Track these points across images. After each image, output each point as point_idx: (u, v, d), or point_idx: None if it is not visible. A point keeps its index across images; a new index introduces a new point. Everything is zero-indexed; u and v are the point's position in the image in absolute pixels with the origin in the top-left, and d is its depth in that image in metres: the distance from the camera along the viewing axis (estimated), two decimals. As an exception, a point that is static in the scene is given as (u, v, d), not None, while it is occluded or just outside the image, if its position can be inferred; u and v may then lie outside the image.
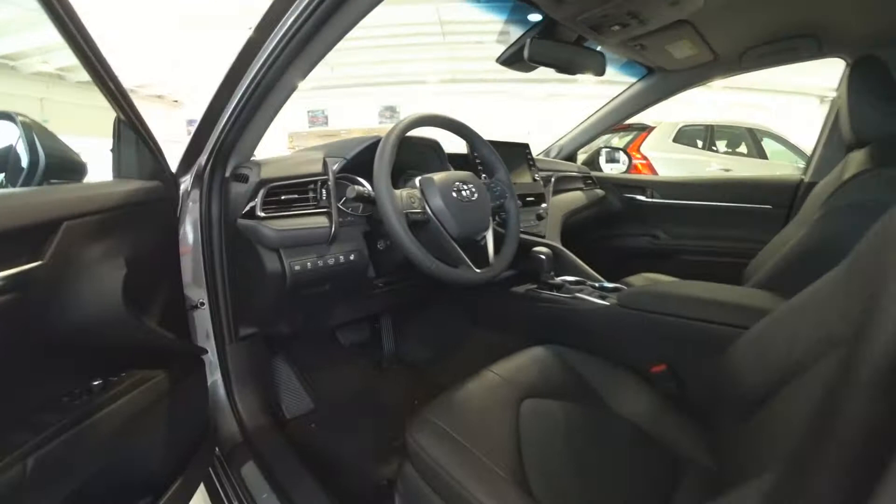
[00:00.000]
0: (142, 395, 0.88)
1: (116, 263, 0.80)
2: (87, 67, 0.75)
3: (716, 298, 1.12)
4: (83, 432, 0.75)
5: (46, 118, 10.13)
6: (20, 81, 10.04)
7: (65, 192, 0.77)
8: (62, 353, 0.76)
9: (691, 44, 1.52)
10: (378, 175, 0.96)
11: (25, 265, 0.64)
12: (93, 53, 0.74)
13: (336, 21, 0.84)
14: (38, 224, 0.67)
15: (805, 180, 1.81)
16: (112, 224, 0.81)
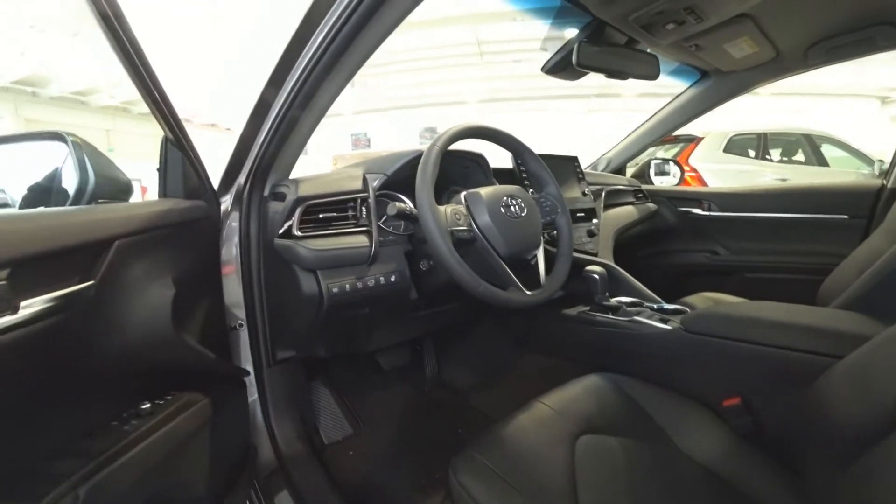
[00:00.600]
0: (187, 420, 0.87)
1: (165, 283, 0.80)
2: (139, 85, 0.77)
3: (797, 322, 0.99)
4: (133, 460, 0.73)
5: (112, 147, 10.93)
6: (90, 114, 10.93)
7: (114, 211, 0.78)
8: (112, 375, 0.76)
9: (751, 41, 1.41)
10: (420, 190, 0.90)
11: (77, 285, 0.64)
12: (147, 74, 0.76)
13: (364, 38, 0.81)
14: (90, 243, 0.68)
15: (888, 185, 1.64)
16: (159, 243, 0.83)
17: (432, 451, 1.38)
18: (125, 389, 0.80)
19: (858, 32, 1.41)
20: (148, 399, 0.81)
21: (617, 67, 1.37)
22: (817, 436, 0.71)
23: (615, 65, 1.37)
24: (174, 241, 0.88)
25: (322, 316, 1.00)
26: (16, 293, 0.55)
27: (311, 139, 1.04)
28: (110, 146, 11.08)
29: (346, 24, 0.76)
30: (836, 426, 0.65)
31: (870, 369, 0.65)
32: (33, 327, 0.57)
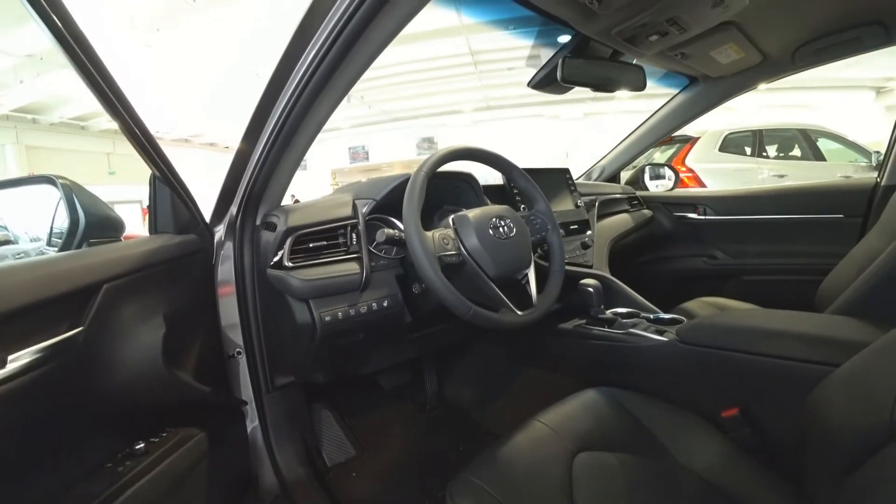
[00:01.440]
0: (184, 456, 0.86)
1: (155, 322, 0.81)
2: (123, 128, 0.77)
3: (793, 330, 0.98)
4: (129, 501, 0.73)
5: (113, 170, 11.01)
6: (90, 139, 11.02)
7: (102, 254, 0.78)
8: (104, 417, 0.76)
9: (737, 47, 1.42)
10: (407, 218, 0.90)
11: (66, 332, 0.65)
12: (129, 116, 0.76)
13: (355, 56, 0.81)
14: (79, 289, 0.68)
15: (882, 183, 1.62)
16: (150, 281, 0.83)
17: (435, 469, 1.38)
18: (118, 430, 0.80)
19: (845, 33, 1.41)
20: (142, 438, 0.81)
21: (602, 80, 1.38)
22: (816, 446, 0.70)
23: (601, 78, 1.37)
24: (166, 277, 0.88)
25: (316, 344, 1.00)
26: (2, 346, 0.55)
27: (309, 152, 1.04)
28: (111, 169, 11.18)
29: (336, 43, 0.76)
30: (834, 436, 0.64)
31: (866, 377, 0.64)
32: (21, 380, 0.57)
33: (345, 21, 0.73)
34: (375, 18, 0.73)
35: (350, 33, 0.75)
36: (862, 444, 0.56)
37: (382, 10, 0.73)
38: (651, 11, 1.14)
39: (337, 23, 0.74)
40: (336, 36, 0.75)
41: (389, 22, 0.76)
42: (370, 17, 0.73)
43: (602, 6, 1.10)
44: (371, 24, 0.74)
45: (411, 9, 0.74)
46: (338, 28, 0.74)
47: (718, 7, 1.14)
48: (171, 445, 0.84)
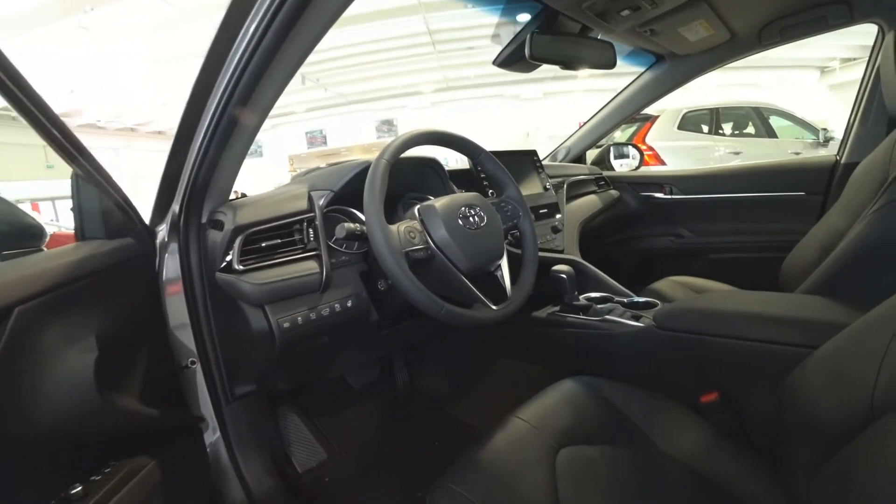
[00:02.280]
0: (135, 490, 0.77)
1: (85, 345, 0.71)
2: (26, 117, 0.66)
3: (771, 313, 0.97)
4: None
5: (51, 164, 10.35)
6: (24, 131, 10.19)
7: (16, 270, 0.68)
8: (28, 462, 0.66)
9: (707, 24, 1.39)
10: (369, 211, 0.83)
11: None
12: (38, 110, 0.66)
13: (296, 39, 0.72)
14: None
15: (841, 161, 1.65)
16: (77, 297, 0.72)
17: (410, 466, 1.33)
18: (47, 475, 0.70)
19: (810, 12, 1.42)
20: (80, 479, 0.71)
21: (572, 58, 1.33)
22: (796, 428, 0.69)
23: (570, 55, 1.32)
24: (98, 290, 0.78)
25: (276, 354, 0.92)
26: None
27: (263, 138, 0.93)
28: (49, 162, 10.49)
29: (277, 18, 0.67)
30: (813, 419, 0.64)
31: (844, 360, 0.64)
32: None
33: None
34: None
35: (292, 7, 0.66)
36: (841, 426, 0.56)
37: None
38: (624, -17, 1.09)
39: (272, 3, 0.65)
40: (276, 10, 0.66)
41: None
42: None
43: (572, -23, 1.05)
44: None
45: None
46: (276, 2, 0.65)
47: None
48: (117, 481, 0.75)
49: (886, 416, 0.50)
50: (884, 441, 0.49)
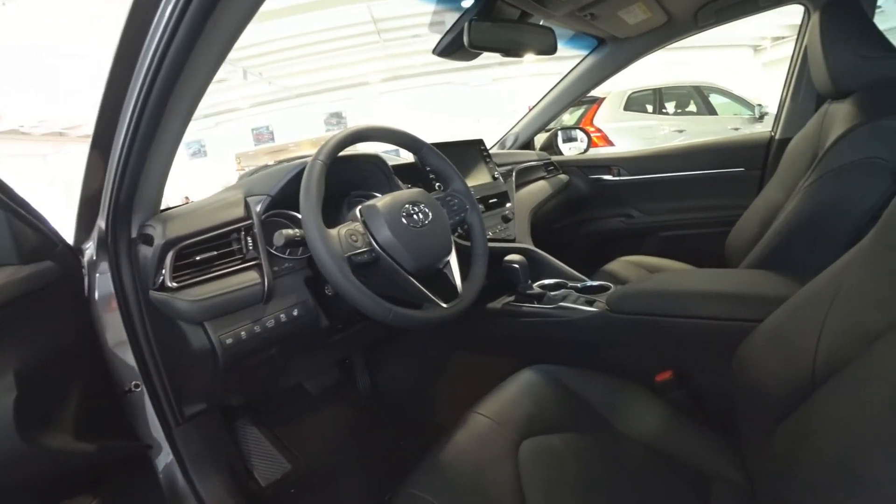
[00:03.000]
0: None
1: (1, 385, 0.64)
2: None
3: (718, 290, 1.01)
4: None
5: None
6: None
7: None
8: None
9: (644, 6, 1.41)
10: (306, 216, 0.79)
11: None
12: None
13: (217, 25, 0.64)
14: None
15: (776, 137, 1.72)
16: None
17: (376, 469, 1.30)
18: None
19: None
20: None
21: (512, 44, 1.30)
22: (746, 400, 0.71)
23: (510, 41, 1.30)
24: (12, 322, 0.71)
25: (221, 372, 0.86)
26: None
27: (207, 137, 0.86)
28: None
29: (189, 10, 0.60)
30: (761, 389, 0.65)
31: (787, 331, 0.66)
32: None
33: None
34: None
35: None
36: (787, 396, 0.58)
37: None
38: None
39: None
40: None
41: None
42: None
43: (508, -38, 1.02)
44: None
45: None
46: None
47: None
48: None
49: (826, 384, 0.52)
50: (825, 408, 0.50)
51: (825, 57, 1.10)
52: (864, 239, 0.57)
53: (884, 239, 0.52)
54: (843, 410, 0.47)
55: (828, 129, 1.11)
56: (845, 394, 0.48)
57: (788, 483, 0.52)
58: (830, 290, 0.58)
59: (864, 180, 0.98)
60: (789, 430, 0.56)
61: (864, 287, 0.53)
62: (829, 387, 0.51)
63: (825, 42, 1.10)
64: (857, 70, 1.07)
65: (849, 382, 0.48)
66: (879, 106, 1.00)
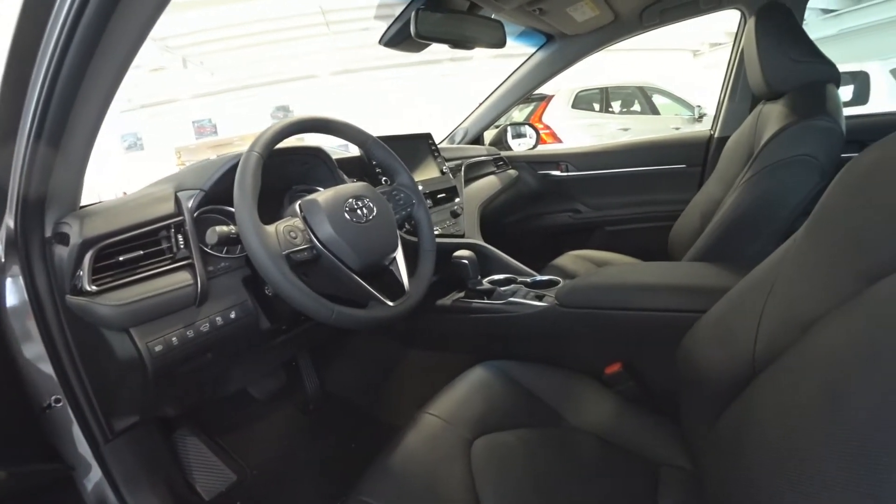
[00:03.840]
0: None
1: None
2: None
3: (663, 282, 1.03)
4: None
5: None
6: None
7: None
8: None
9: (592, 4, 1.43)
10: (240, 211, 0.73)
11: None
12: None
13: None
14: None
15: (715, 135, 1.79)
16: None
17: (327, 474, 1.26)
18: None
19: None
20: None
21: (460, 36, 1.28)
22: (691, 389, 0.73)
23: (458, 33, 1.28)
24: None
25: (151, 381, 0.80)
26: None
27: (144, 129, 0.77)
28: None
29: None
30: (704, 378, 0.67)
31: (728, 321, 0.68)
32: None
33: None
34: None
35: None
36: (730, 384, 0.59)
37: None
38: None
39: None
40: None
41: None
42: None
43: (456, -49, 1.00)
44: None
45: None
46: None
47: None
48: None
49: (765, 371, 0.53)
50: (765, 395, 0.52)
51: (760, 60, 1.15)
52: (796, 232, 0.58)
53: (814, 234, 0.54)
54: (781, 397, 0.48)
55: (762, 128, 1.17)
56: (783, 381, 0.49)
57: (733, 468, 0.53)
58: (767, 281, 0.60)
59: (796, 176, 1.03)
60: (732, 416, 0.58)
61: (798, 278, 0.54)
62: (767, 374, 0.53)
63: (760, 46, 1.15)
64: (789, 73, 1.13)
65: (785, 370, 0.49)
66: (808, 107, 1.05)
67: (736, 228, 1.11)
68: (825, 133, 1.01)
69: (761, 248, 1.09)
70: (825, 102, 1.04)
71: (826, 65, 1.12)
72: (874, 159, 0.49)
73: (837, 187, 0.52)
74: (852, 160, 0.52)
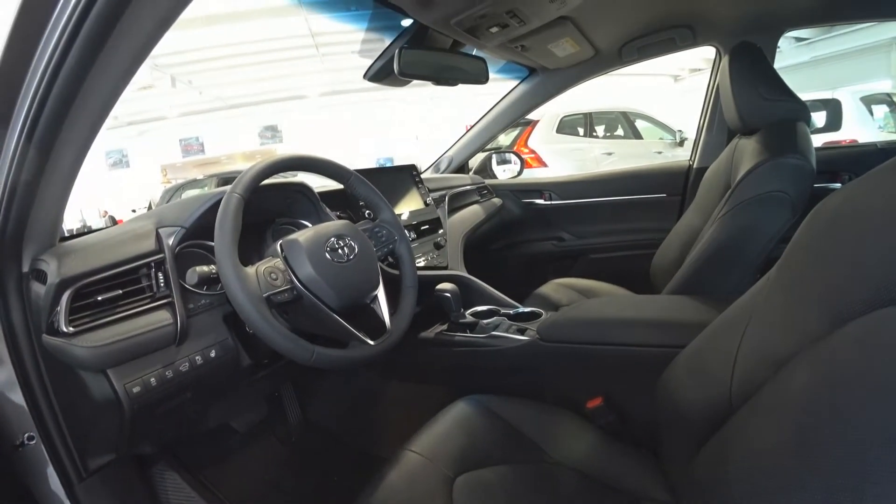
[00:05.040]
0: None
1: None
2: None
3: (643, 317, 1.05)
4: None
5: None
6: None
7: None
8: None
9: (573, 41, 1.48)
10: (221, 253, 0.73)
11: None
12: None
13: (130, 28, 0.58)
14: None
15: (694, 166, 1.84)
16: None
17: None
18: None
19: (661, 33, 1.59)
20: None
21: (443, 73, 1.31)
22: (670, 424, 0.74)
23: (441, 70, 1.31)
24: None
25: (128, 422, 0.78)
26: None
27: (130, 145, 0.75)
28: None
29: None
30: (683, 414, 0.68)
31: (705, 358, 0.69)
32: None
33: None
34: None
35: None
36: (707, 420, 0.60)
37: None
38: (491, 2, 1.10)
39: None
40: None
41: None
42: None
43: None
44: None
45: None
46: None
47: (556, 2, 1.16)
48: None
49: (741, 409, 0.54)
50: (741, 433, 0.52)
51: (734, 97, 1.20)
52: (770, 271, 0.60)
53: (785, 274, 0.55)
54: (756, 435, 0.49)
55: (738, 162, 1.20)
56: (758, 419, 0.50)
57: (712, 503, 0.54)
58: (743, 318, 0.61)
59: (770, 211, 1.07)
60: (710, 452, 0.58)
61: (771, 317, 0.56)
62: (743, 412, 0.53)
63: (733, 84, 1.19)
64: (761, 110, 1.17)
65: (760, 408, 0.50)
66: (780, 144, 1.09)
67: (714, 261, 1.14)
68: (796, 170, 1.05)
69: (738, 280, 1.12)
70: (796, 140, 1.08)
71: (796, 103, 1.17)
72: (837, 204, 0.50)
73: (805, 230, 0.54)
74: (819, 205, 0.53)
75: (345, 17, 6.28)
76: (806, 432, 0.40)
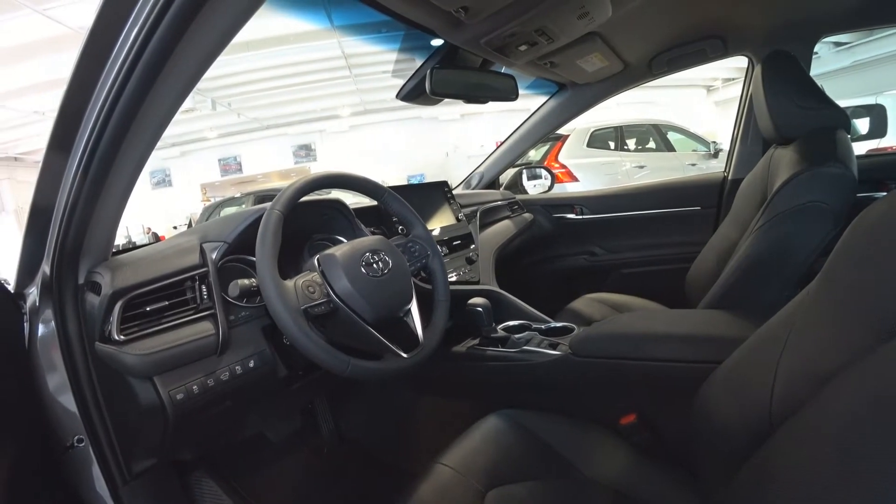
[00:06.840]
0: None
1: None
2: None
3: (677, 332, 1.03)
4: None
5: None
6: None
7: None
8: None
9: (601, 56, 1.48)
10: (261, 267, 0.77)
11: None
12: None
13: (184, 54, 0.62)
14: None
15: (729, 177, 1.80)
16: None
17: None
18: None
19: (691, 45, 1.57)
20: None
21: (473, 91, 1.34)
22: (708, 442, 0.72)
23: (471, 88, 1.34)
24: None
25: (171, 427, 0.82)
26: None
27: (173, 166, 0.80)
28: None
29: (160, 27, 0.56)
30: (722, 432, 0.66)
31: (744, 374, 0.67)
32: None
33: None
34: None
35: (178, 16, 0.56)
36: (747, 438, 0.58)
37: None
38: (519, 21, 1.11)
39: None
40: (157, 20, 0.56)
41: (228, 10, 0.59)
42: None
43: (469, 16, 1.05)
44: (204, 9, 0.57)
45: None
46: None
47: (584, 19, 1.16)
48: None
49: (783, 426, 0.52)
50: (783, 452, 0.51)
51: (768, 107, 1.17)
52: (810, 283, 0.58)
53: (826, 287, 0.54)
54: (798, 455, 0.47)
55: (774, 172, 1.17)
56: (801, 437, 0.48)
57: None
58: (782, 333, 0.59)
59: (808, 223, 1.04)
60: (750, 472, 0.56)
61: (812, 331, 0.54)
62: (785, 430, 0.52)
63: (767, 93, 1.17)
64: (797, 119, 1.14)
65: (803, 426, 0.49)
66: (818, 153, 1.06)
67: (751, 275, 1.11)
68: (836, 179, 1.02)
69: (778, 293, 1.08)
70: (835, 149, 1.05)
71: (834, 111, 1.14)
72: (883, 213, 0.49)
73: (848, 240, 0.52)
74: (862, 213, 0.51)
75: (377, 39, 6.46)
76: (851, 450, 0.39)
